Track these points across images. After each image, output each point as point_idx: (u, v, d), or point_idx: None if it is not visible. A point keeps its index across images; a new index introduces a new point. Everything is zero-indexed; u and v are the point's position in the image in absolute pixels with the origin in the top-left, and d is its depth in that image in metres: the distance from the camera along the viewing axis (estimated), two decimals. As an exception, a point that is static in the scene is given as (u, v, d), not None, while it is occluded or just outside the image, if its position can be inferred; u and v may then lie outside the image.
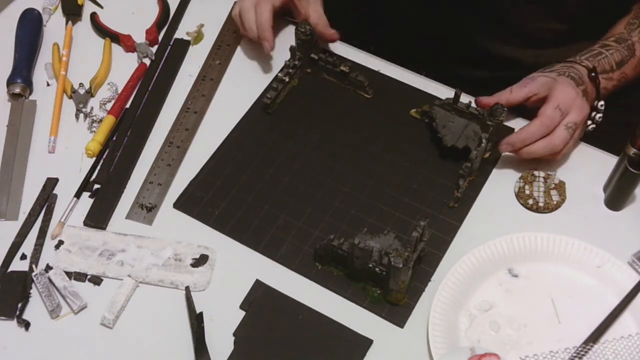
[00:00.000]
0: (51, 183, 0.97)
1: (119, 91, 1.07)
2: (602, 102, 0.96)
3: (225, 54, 1.11)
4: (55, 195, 0.96)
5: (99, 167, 0.99)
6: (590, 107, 0.95)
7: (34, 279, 0.88)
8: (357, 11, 1.19)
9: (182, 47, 1.13)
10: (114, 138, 1.02)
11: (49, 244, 0.92)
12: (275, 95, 1.03)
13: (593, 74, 0.95)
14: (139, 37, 1.13)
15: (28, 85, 1.06)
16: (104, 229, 0.93)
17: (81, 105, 1.05)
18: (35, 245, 0.92)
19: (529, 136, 0.92)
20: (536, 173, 0.95)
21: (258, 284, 0.88)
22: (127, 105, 1.06)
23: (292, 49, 1.05)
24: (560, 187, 0.94)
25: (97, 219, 0.94)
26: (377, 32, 1.16)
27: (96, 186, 0.97)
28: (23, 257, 0.91)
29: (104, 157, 1.00)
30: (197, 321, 0.84)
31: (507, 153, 0.96)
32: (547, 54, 1.05)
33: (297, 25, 1.03)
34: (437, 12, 1.07)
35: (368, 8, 1.17)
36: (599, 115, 0.96)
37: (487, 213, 0.93)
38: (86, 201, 0.96)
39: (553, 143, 0.91)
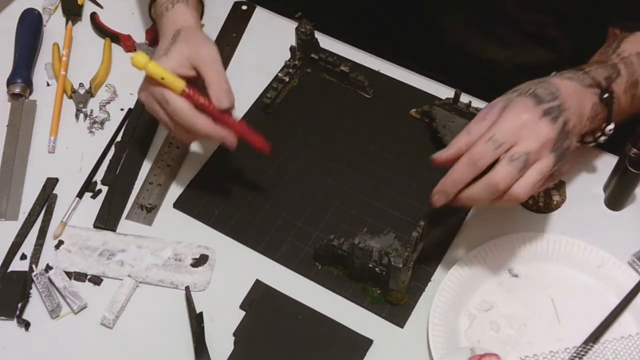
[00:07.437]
0: (51, 183, 0.97)
1: (117, 92, 1.07)
2: (610, 127, 0.84)
3: (225, 55, 1.11)
4: (55, 195, 0.96)
5: (100, 168, 0.99)
6: (601, 119, 0.84)
7: (34, 279, 0.88)
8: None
9: (182, 47, 1.13)
10: (119, 139, 1.02)
11: (49, 244, 0.92)
12: (275, 95, 1.03)
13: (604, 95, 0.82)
14: (139, 37, 1.13)
15: (28, 85, 1.06)
16: (114, 231, 0.93)
17: (81, 105, 1.05)
18: (35, 245, 0.92)
19: (458, 177, 0.76)
20: (536, 173, 0.95)
21: (258, 284, 0.88)
22: (132, 106, 1.06)
23: (292, 49, 1.05)
24: (560, 187, 0.94)
25: (107, 221, 0.94)
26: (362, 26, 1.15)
27: (99, 187, 0.97)
28: (23, 257, 0.91)
29: (110, 158, 1.00)
30: (197, 321, 0.84)
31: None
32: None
33: (297, 25, 1.03)
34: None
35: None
36: (609, 128, 0.85)
37: (487, 213, 0.93)
38: (87, 201, 0.96)
39: (492, 181, 0.73)
